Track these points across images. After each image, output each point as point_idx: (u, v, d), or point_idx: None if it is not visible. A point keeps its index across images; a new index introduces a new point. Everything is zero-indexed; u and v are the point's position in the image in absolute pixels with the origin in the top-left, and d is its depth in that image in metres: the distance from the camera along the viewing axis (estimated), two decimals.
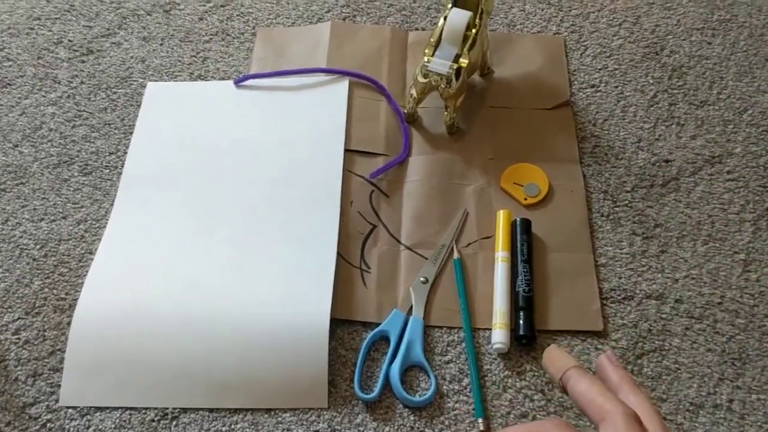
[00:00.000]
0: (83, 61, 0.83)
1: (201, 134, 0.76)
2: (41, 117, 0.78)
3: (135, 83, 0.81)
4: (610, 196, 0.73)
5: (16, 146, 0.76)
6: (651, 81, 0.81)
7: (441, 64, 0.71)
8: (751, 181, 0.73)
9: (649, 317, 0.66)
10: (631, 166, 0.75)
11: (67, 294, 0.67)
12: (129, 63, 0.83)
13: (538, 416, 0.61)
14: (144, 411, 0.61)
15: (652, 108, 0.79)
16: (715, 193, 0.73)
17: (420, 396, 0.61)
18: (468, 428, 0.61)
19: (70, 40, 0.84)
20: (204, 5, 0.88)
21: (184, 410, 0.61)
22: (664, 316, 0.66)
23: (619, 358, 0.54)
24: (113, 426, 0.61)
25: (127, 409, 0.61)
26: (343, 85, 0.79)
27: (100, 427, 0.61)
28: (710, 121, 0.78)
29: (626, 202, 0.72)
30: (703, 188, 0.73)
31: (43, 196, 0.73)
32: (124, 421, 0.61)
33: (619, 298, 0.67)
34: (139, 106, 0.79)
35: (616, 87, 0.80)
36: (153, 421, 0.61)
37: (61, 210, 0.72)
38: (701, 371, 0.63)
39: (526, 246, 0.68)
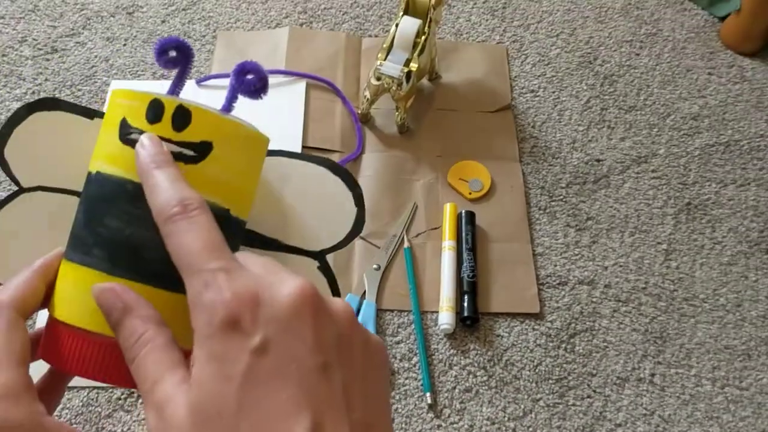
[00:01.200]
0: (48, 60, 0.85)
1: None
2: (6, 112, 0.81)
3: (99, 81, 0.84)
4: (547, 191, 0.79)
5: None
6: (585, 87, 0.88)
7: (393, 67, 0.76)
8: (673, 179, 0.81)
9: (581, 301, 0.72)
10: (566, 164, 0.81)
11: None
12: (93, 62, 0.86)
13: (481, 390, 0.66)
14: (110, 389, 0.64)
15: (585, 112, 0.85)
16: (641, 190, 0.80)
17: None
18: (417, 402, 0.66)
19: (34, 39, 0.87)
20: (166, 8, 0.92)
21: None
22: (594, 299, 0.72)
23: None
24: (81, 404, 0.64)
25: (94, 387, 0.64)
26: (301, 87, 0.84)
27: (68, 405, 0.64)
28: (637, 125, 0.85)
29: (561, 197, 0.79)
30: (631, 185, 0.80)
31: (9, 187, 0.75)
32: (92, 399, 0.64)
33: (554, 283, 0.73)
34: (103, 103, 0.82)
35: (553, 92, 0.87)
36: (119, 399, 0.64)
37: None
38: (627, 349, 0.70)
39: (470, 236, 0.73)
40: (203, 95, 0.82)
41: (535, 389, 0.67)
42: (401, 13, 0.78)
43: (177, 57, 0.33)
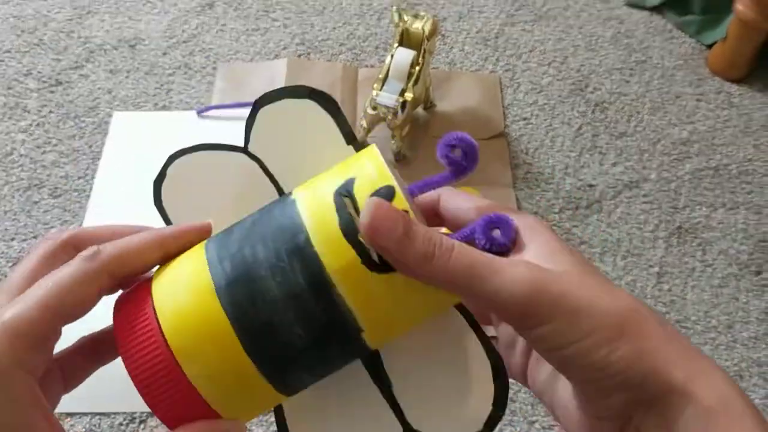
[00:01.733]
0: (52, 92, 0.88)
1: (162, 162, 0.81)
2: (12, 143, 0.83)
3: (102, 112, 0.86)
4: (541, 216, 0.81)
5: None
6: (576, 114, 0.90)
7: (388, 97, 0.78)
8: (663, 203, 0.82)
9: None
10: (559, 190, 0.83)
11: None
12: (96, 94, 0.88)
13: None
14: (113, 416, 0.65)
15: (577, 138, 0.88)
16: (632, 214, 0.81)
17: None
18: None
19: (39, 72, 0.89)
20: (168, 41, 0.94)
21: (152, 414, 0.65)
22: None
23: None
24: (83, 430, 0.65)
25: (96, 414, 0.65)
26: None
27: (71, 431, 0.65)
28: (628, 151, 0.87)
29: (555, 222, 0.80)
30: (623, 210, 0.82)
31: (14, 217, 0.77)
32: (94, 425, 0.65)
33: None
34: (106, 133, 0.84)
35: (546, 120, 0.89)
36: (122, 425, 0.65)
37: (32, 230, 0.76)
38: None
39: None
40: (204, 126, 0.84)
41: (530, 411, 0.68)
42: (396, 45, 0.80)
43: (460, 156, 0.31)
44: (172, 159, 0.35)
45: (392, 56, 0.79)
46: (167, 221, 0.35)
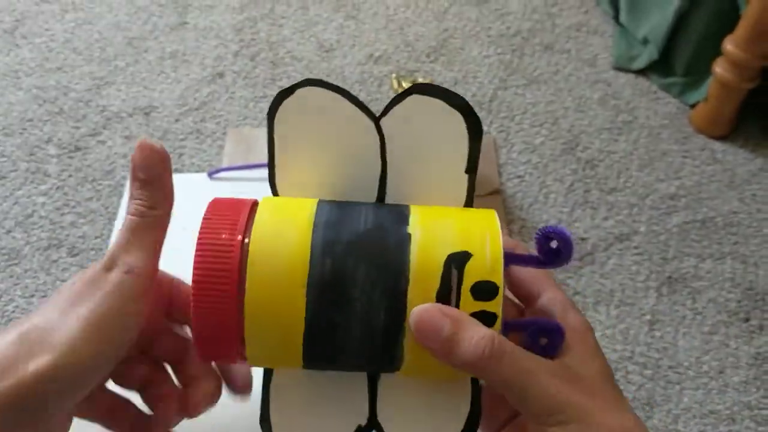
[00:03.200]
0: (71, 157, 0.93)
1: (177, 221, 0.85)
2: (32, 206, 0.87)
3: (118, 176, 0.91)
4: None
5: (9, 231, 0.85)
6: (568, 172, 0.94)
7: None
8: (653, 254, 0.86)
9: None
10: None
11: None
12: (112, 158, 0.93)
13: None
14: None
15: (569, 194, 0.92)
16: (624, 266, 0.85)
17: None
18: None
19: (59, 139, 0.95)
20: (180, 108, 1.00)
21: None
22: None
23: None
24: None
25: None
26: None
27: None
28: (619, 205, 0.91)
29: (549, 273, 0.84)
30: (615, 261, 0.85)
31: (34, 275, 0.81)
32: None
33: None
34: (121, 195, 0.89)
35: (539, 177, 0.94)
36: None
37: (50, 287, 0.80)
38: None
39: None
40: (215, 186, 0.89)
41: None
42: None
43: (558, 248, 0.33)
44: (307, 83, 0.35)
45: None
46: (271, 135, 0.36)
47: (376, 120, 0.36)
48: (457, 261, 0.31)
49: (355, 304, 0.31)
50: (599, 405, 0.32)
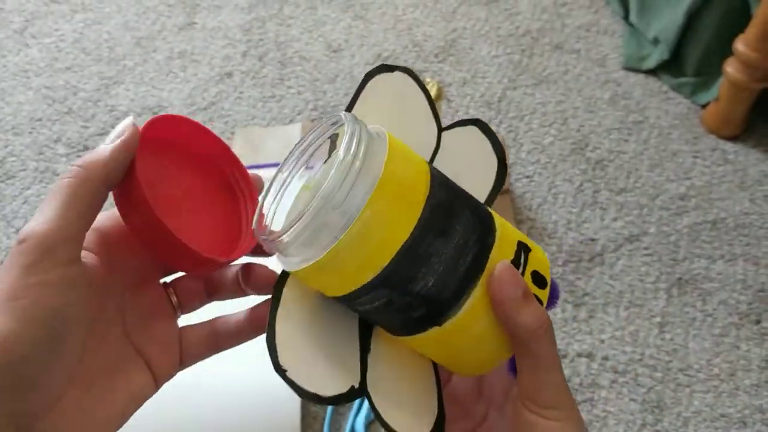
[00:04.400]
0: (80, 156, 0.93)
1: None
2: None
3: None
4: None
5: (19, 230, 0.85)
6: (578, 172, 0.94)
7: None
8: (663, 255, 0.85)
9: (580, 373, 0.76)
10: (562, 244, 0.86)
11: None
12: None
13: None
14: None
15: (578, 195, 0.91)
16: (634, 267, 0.84)
17: None
18: None
19: (68, 138, 0.95)
20: (189, 108, 1.00)
21: None
22: (593, 371, 0.76)
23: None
24: None
25: None
26: None
27: None
28: (628, 206, 0.90)
29: (558, 275, 0.83)
30: (624, 262, 0.85)
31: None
32: None
33: None
34: None
35: (548, 177, 0.93)
36: None
37: None
38: (626, 418, 0.72)
39: None
40: None
41: None
42: None
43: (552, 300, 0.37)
44: (406, 71, 0.39)
45: None
46: (358, 92, 0.39)
47: (441, 130, 0.39)
48: (525, 247, 0.35)
49: (455, 236, 0.33)
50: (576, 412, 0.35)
